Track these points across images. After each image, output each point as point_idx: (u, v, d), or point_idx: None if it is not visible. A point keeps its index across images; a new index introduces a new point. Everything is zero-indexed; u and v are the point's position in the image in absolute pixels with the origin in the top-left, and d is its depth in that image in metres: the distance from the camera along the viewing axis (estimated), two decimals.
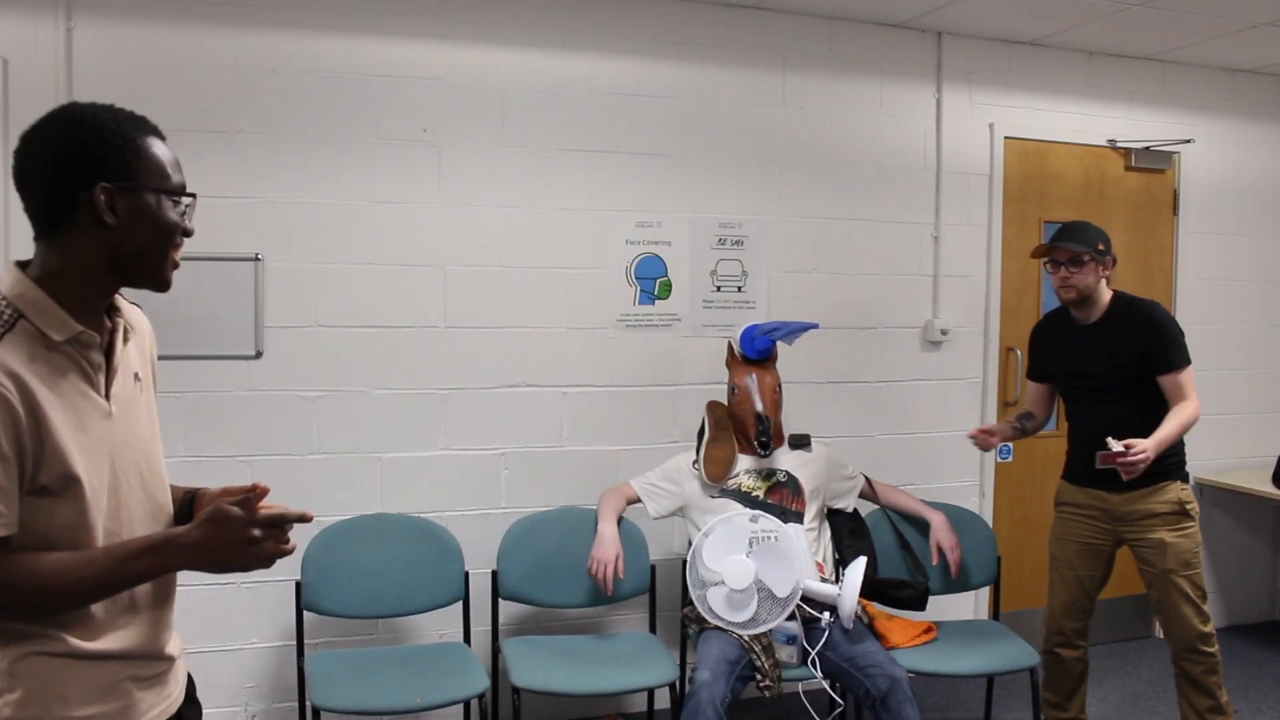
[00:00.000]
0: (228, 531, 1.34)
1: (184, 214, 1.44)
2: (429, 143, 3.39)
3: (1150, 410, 3.02)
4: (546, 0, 3.51)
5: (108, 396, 1.42)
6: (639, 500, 3.25)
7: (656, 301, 3.70)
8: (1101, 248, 3.08)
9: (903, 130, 4.01)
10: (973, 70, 4.11)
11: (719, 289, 3.78)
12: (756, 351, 3.24)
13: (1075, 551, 3.21)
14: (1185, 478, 3.13)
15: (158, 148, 1.42)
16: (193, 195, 1.46)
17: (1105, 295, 3.14)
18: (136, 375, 1.50)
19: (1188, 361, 3.06)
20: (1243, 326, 4.61)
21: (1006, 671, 3.16)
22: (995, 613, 3.58)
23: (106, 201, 1.35)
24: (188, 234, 1.45)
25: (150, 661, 1.48)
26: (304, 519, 1.40)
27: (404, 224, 3.39)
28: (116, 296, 1.48)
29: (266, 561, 1.38)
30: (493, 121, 3.48)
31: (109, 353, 1.44)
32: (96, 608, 1.38)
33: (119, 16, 3.08)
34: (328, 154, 3.31)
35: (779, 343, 3.28)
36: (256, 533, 1.35)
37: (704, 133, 3.73)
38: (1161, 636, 4.14)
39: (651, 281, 3.70)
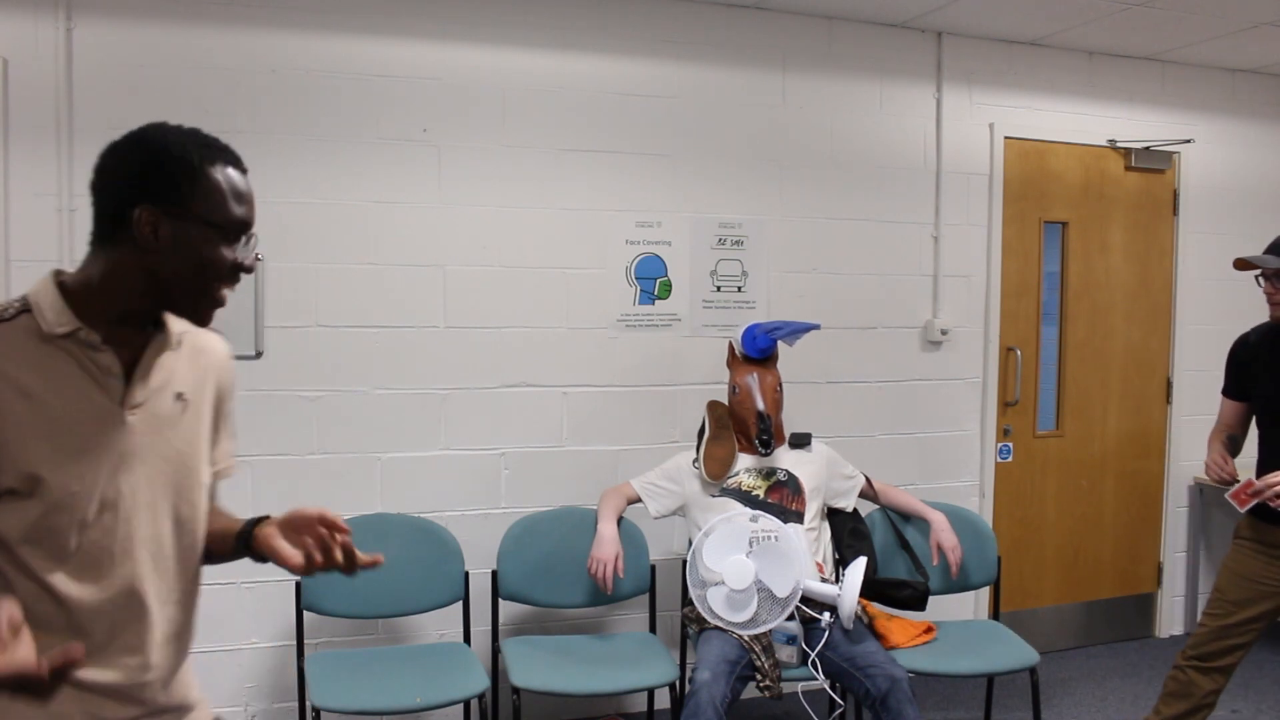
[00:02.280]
0: None
1: (241, 250, 1.36)
2: (429, 143, 3.39)
3: None
4: (546, 0, 3.52)
5: (122, 404, 1.35)
6: (639, 500, 3.25)
7: (656, 301, 3.70)
8: None
9: (903, 130, 4.01)
10: (973, 70, 4.11)
11: (719, 289, 3.78)
12: (758, 350, 3.23)
13: (1246, 592, 2.87)
14: None
15: (221, 175, 1.34)
16: (252, 232, 1.38)
17: None
18: (181, 395, 1.42)
19: None
20: (1243, 326, 4.56)
21: (1006, 671, 3.15)
22: (995, 613, 3.58)
23: (149, 223, 1.30)
24: (247, 270, 1.38)
25: (115, 703, 1.34)
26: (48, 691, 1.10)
27: (404, 224, 3.39)
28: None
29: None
30: (493, 121, 3.48)
31: (133, 362, 1.37)
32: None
33: (119, 16, 3.08)
34: (327, 154, 3.31)
35: (780, 343, 3.28)
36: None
37: (704, 133, 3.73)
38: (1162, 636, 4.15)
39: (651, 281, 3.70)
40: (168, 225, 1.31)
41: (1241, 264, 2.96)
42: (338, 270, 3.33)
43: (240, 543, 1.49)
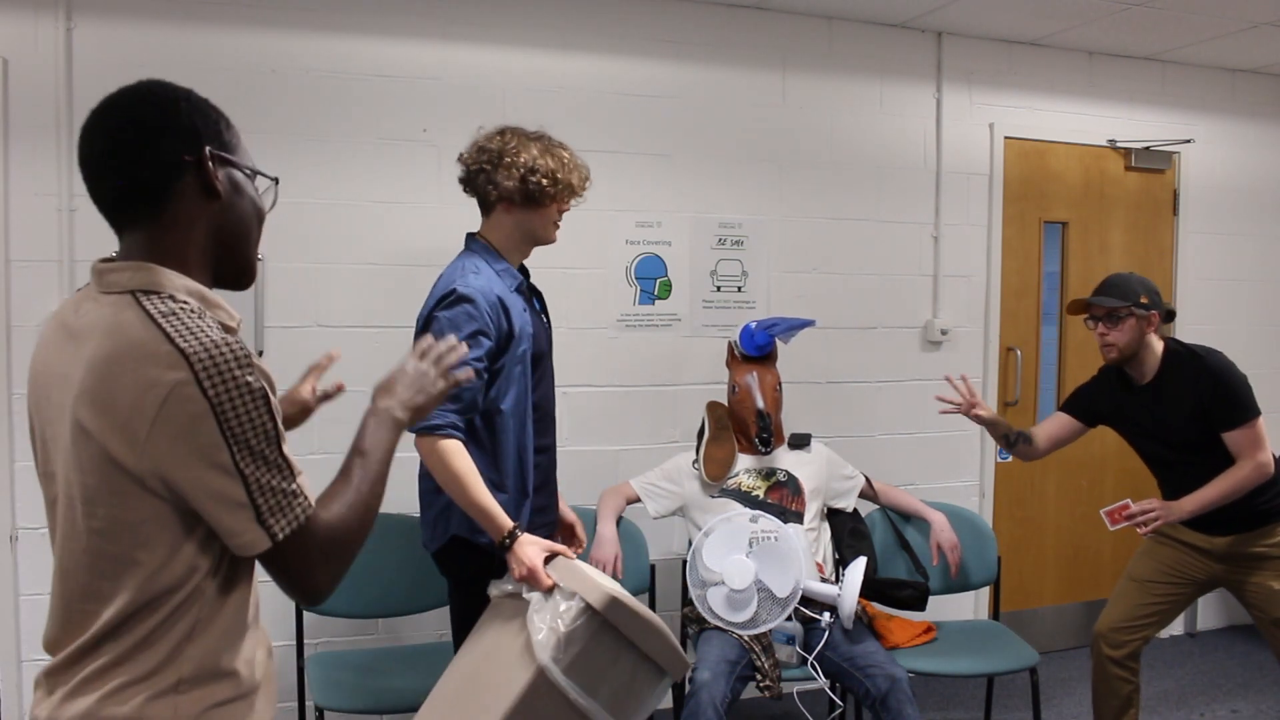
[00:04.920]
0: (412, 369, 1.49)
1: (264, 198, 1.36)
2: (429, 143, 3.39)
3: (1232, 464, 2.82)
4: (546, 0, 3.52)
5: None
6: (639, 500, 3.25)
7: (656, 301, 3.70)
8: (1145, 301, 2.87)
9: (903, 130, 4.02)
10: (973, 70, 4.11)
11: (719, 289, 3.78)
12: (756, 348, 3.23)
13: (1156, 570, 3.03)
14: None
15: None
16: (276, 179, 1.37)
17: (1156, 351, 2.93)
18: None
19: (1252, 414, 2.82)
20: (1243, 326, 4.61)
21: (1006, 671, 3.16)
22: (995, 613, 3.58)
23: (219, 166, 1.25)
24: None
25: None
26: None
27: (404, 224, 3.39)
28: None
29: (443, 381, 1.51)
30: (493, 121, 3.43)
31: None
32: (248, 643, 1.31)
33: (119, 16, 3.08)
34: (328, 154, 3.31)
35: (777, 341, 3.28)
36: (420, 364, 1.49)
37: (704, 133, 3.73)
38: (1161, 636, 4.15)
39: (651, 281, 3.70)
40: (223, 172, 1.27)
41: (1076, 307, 3.02)
42: (338, 270, 3.32)
43: None
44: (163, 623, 1.19)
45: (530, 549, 2.09)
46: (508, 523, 2.19)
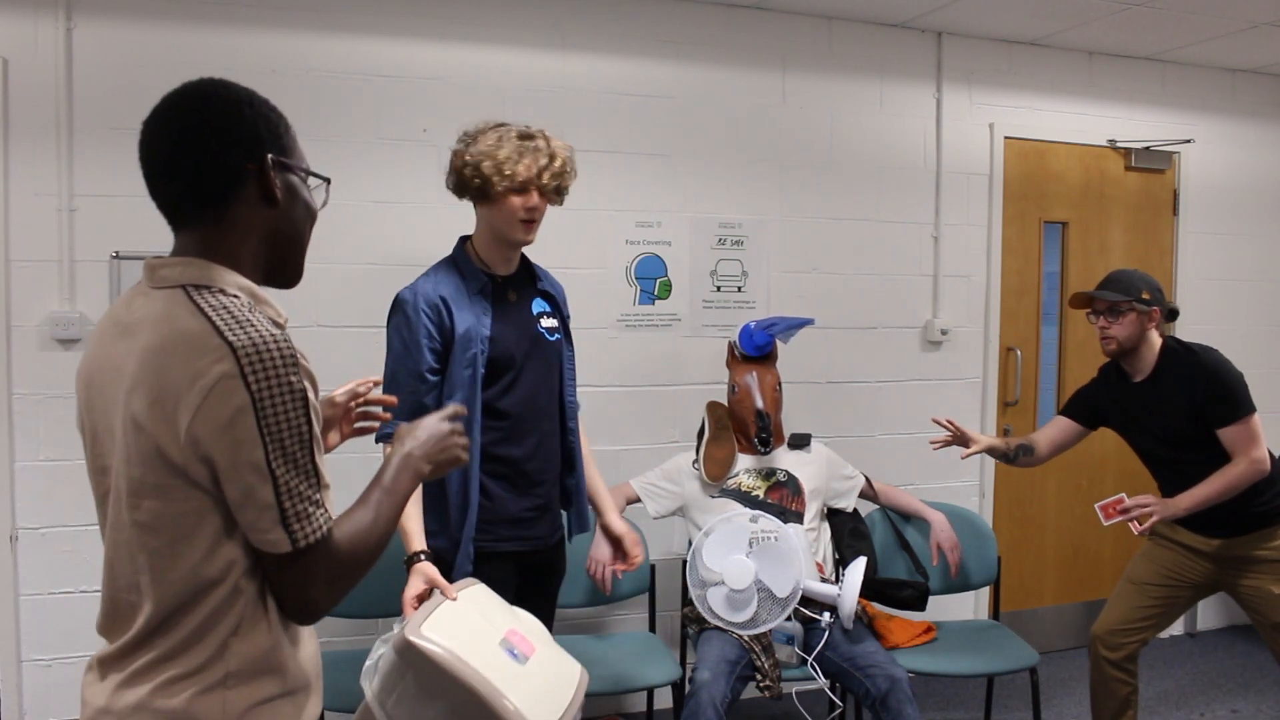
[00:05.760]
0: (443, 430, 1.46)
1: (316, 196, 1.39)
2: (429, 143, 3.39)
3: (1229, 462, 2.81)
4: (546, 0, 3.52)
5: None
6: (639, 500, 3.25)
7: (656, 301, 3.70)
8: (1147, 297, 2.87)
9: (903, 130, 4.02)
10: (973, 70, 4.11)
11: (719, 289, 3.78)
12: (755, 348, 3.23)
13: (1154, 572, 3.03)
14: None
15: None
16: (328, 180, 1.40)
17: (1154, 347, 2.94)
18: None
19: (1246, 411, 2.81)
20: (1243, 326, 4.61)
21: (1006, 671, 3.16)
22: (995, 613, 3.58)
23: (278, 174, 1.28)
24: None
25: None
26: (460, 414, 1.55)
27: (404, 224, 3.39)
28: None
29: (464, 450, 1.49)
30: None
31: None
32: (295, 641, 1.31)
33: (119, 16, 3.08)
34: (328, 154, 3.30)
35: (777, 341, 3.28)
36: (447, 425, 1.47)
37: (704, 133, 3.73)
38: (1161, 636, 4.15)
39: (651, 281, 3.70)
40: (281, 177, 1.30)
41: (1078, 300, 3.02)
42: (338, 270, 3.32)
43: None
44: (208, 618, 1.20)
45: (413, 578, 2.11)
46: (413, 546, 2.21)
